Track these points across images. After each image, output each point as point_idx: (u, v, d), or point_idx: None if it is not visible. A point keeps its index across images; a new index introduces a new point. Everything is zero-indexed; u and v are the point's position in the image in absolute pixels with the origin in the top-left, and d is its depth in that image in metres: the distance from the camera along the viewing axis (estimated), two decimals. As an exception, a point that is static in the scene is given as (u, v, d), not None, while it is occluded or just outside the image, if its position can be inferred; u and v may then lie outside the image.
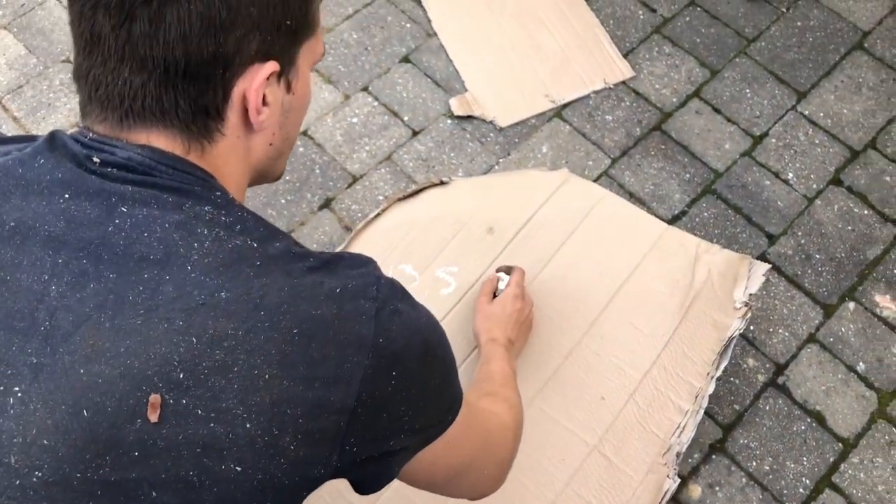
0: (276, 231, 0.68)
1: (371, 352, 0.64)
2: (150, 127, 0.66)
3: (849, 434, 1.41)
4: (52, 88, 1.73)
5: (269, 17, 0.66)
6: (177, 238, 0.62)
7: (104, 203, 0.63)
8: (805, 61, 1.82)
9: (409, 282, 1.45)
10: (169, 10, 0.62)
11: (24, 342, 0.60)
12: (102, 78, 0.64)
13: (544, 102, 1.73)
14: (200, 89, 0.65)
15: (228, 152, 0.70)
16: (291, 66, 0.71)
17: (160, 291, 0.61)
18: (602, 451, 1.30)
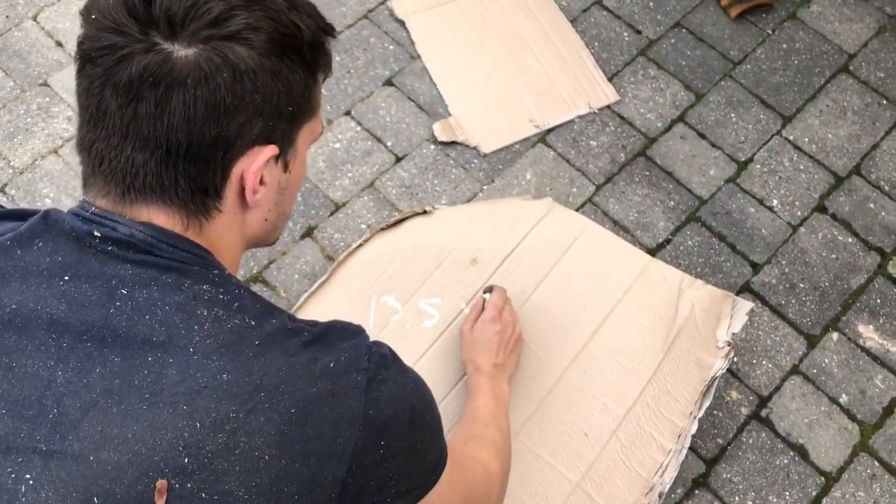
0: (271, 307, 0.70)
1: (362, 424, 0.67)
2: (150, 203, 0.67)
3: (831, 468, 1.41)
4: (30, 113, 1.70)
5: (272, 104, 0.68)
6: (177, 320, 0.64)
7: (104, 286, 0.64)
8: (790, 84, 1.81)
9: (392, 314, 1.44)
10: (175, 95, 0.64)
11: (34, 429, 0.61)
12: (106, 153, 0.66)
13: (528, 128, 1.72)
14: (200, 169, 0.67)
15: (225, 228, 0.72)
16: (290, 147, 0.73)
17: (164, 375, 0.62)
18: (584, 489, 1.29)
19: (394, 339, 1.41)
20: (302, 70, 0.70)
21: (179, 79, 0.64)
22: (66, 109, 1.71)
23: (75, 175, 1.64)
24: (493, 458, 1.02)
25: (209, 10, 0.65)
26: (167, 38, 0.64)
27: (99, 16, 0.66)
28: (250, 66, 0.65)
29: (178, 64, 0.64)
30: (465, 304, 1.44)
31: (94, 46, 0.65)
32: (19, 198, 1.61)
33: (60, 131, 1.69)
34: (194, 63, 0.64)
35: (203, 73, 0.64)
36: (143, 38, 0.64)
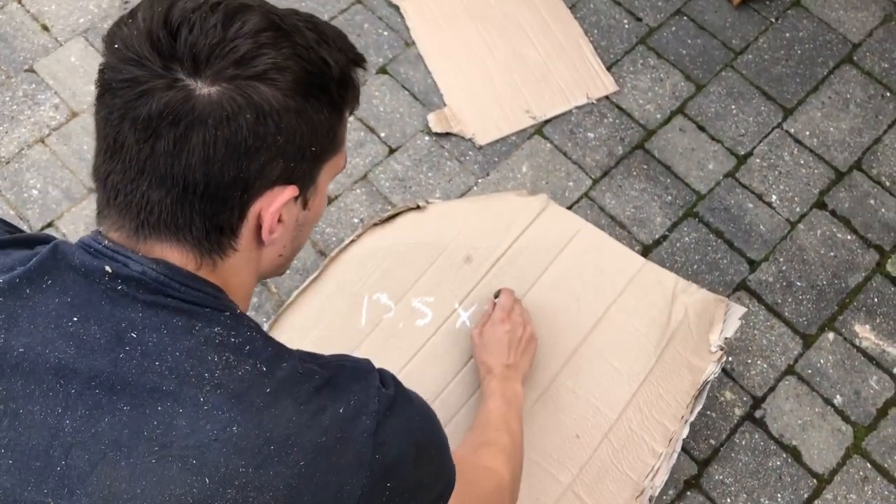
0: (282, 350, 0.68)
1: (368, 470, 0.66)
2: (163, 240, 0.66)
3: (823, 470, 1.41)
4: (16, 100, 1.67)
5: (295, 145, 0.66)
6: (188, 367, 0.62)
7: (114, 328, 0.63)
8: (793, 75, 1.78)
9: (385, 312, 1.42)
10: (195, 134, 0.62)
11: (41, 482, 0.60)
12: (121, 186, 0.64)
13: (525, 119, 1.69)
14: (217, 209, 0.65)
15: (239, 265, 0.70)
16: (311, 185, 0.71)
17: (173, 426, 0.61)
18: (575, 492, 1.29)
19: (386, 337, 1.40)
20: (328, 109, 0.68)
21: (200, 118, 0.62)
22: (52, 97, 1.68)
23: (62, 165, 1.61)
24: (504, 466, 1.02)
25: (235, 48, 0.63)
26: (190, 74, 0.62)
27: (122, 46, 0.63)
28: (274, 107, 0.63)
29: (199, 102, 0.62)
30: (458, 304, 1.42)
31: (115, 77, 0.63)
32: (6, 188, 1.58)
33: (47, 120, 1.65)
34: (217, 102, 0.62)
35: (225, 114, 0.62)
36: (165, 74, 0.62)
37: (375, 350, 1.39)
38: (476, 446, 1.08)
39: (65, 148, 1.63)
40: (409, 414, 0.72)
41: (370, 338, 1.40)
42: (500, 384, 1.22)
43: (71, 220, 1.56)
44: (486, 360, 1.27)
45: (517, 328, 1.29)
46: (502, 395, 1.20)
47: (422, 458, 0.72)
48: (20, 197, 1.58)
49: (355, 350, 1.38)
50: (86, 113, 1.67)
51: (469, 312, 1.42)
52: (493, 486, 0.96)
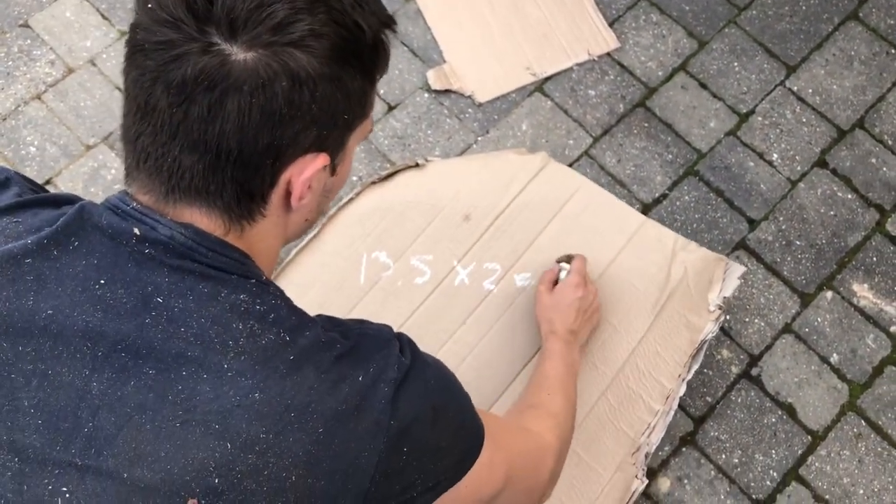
0: (305, 318, 0.69)
1: (385, 435, 0.66)
2: (193, 205, 0.65)
3: (818, 427, 1.42)
4: (11, 56, 1.65)
5: (329, 113, 0.65)
6: (213, 334, 0.63)
7: (140, 292, 0.63)
8: (797, 32, 1.75)
9: (384, 270, 1.43)
10: (230, 100, 0.61)
11: (69, 442, 0.61)
12: (152, 149, 0.64)
13: (525, 76, 1.67)
14: (249, 176, 0.65)
15: (267, 231, 0.70)
16: (340, 151, 0.70)
17: (197, 391, 0.61)
18: (572, 448, 1.30)
19: (385, 295, 1.40)
20: (361, 76, 0.67)
21: (236, 84, 0.61)
22: (48, 52, 1.66)
23: (59, 122, 1.60)
24: (550, 430, 1.00)
25: (273, 13, 0.61)
26: (226, 39, 0.61)
27: (156, 6, 0.62)
28: (310, 74, 0.62)
29: (235, 68, 0.61)
30: (456, 262, 1.42)
31: (148, 38, 0.62)
32: (3, 146, 1.58)
33: (43, 76, 1.64)
34: (252, 69, 0.61)
35: (261, 81, 0.61)
36: (200, 37, 0.61)
37: (374, 307, 1.39)
38: (523, 408, 1.08)
39: (61, 104, 1.62)
40: (425, 378, 0.72)
41: (369, 296, 1.41)
42: (563, 347, 1.21)
43: (69, 177, 1.55)
44: (553, 319, 1.26)
45: (588, 296, 1.29)
46: (563, 359, 1.19)
47: (439, 421, 0.72)
48: (18, 154, 1.57)
49: (354, 308, 1.39)
50: (82, 69, 1.65)
51: (468, 270, 1.42)
52: (534, 447, 0.94)
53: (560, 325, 1.25)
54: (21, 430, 0.61)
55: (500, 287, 1.40)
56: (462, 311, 1.39)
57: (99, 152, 1.58)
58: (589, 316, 1.30)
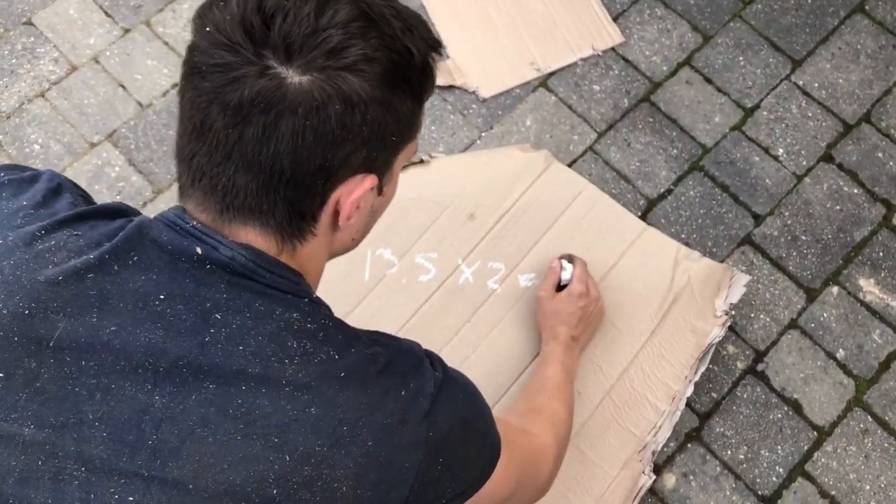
0: (350, 335, 0.72)
1: (424, 447, 0.70)
2: (247, 224, 0.68)
3: (824, 422, 1.42)
4: (14, 54, 1.65)
5: (379, 134, 0.67)
6: (269, 353, 0.65)
7: (198, 308, 0.65)
8: (802, 26, 1.74)
9: (388, 267, 1.43)
10: (285, 122, 0.63)
11: (134, 454, 0.63)
12: (207, 169, 0.66)
13: (529, 71, 1.67)
14: (300, 195, 0.67)
15: (316, 249, 0.73)
16: (388, 172, 0.73)
17: (256, 405, 0.64)
18: (577, 446, 1.30)
19: (389, 292, 1.40)
20: (410, 99, 0.69)
21: (291, 107, 0.63)
22: (51, 50, 1.66)
23: (63, 120, 1.60)
24: (548, 431, 1.05)
25: (328, 38, 0.64)
26: (282, 62, 0.63)
27: (214, 29, 0.64)
28: (362, 97, 0.64)
29: (290, 91, 0.63)
30: (461, 260, 1.42)
31: (205, 61, 0.64)
32: (7, 143, 1.58)
33: (47, 73, 1.64)
34: (307, 92, 0.63)
35: (315, 103, 0.63)
36: (257, 61, 0.63)
37: (379, 304, 1.39)
38: (523, 412, 1.12)
39: (65, 102, 1.62)
40: (455, 393, 0.76)
41: (374, 293, 1.41)
42: (563, 352, 1.25)
43: (73, 175, 1.55)
44: (555, 326, 1.28)
45: (591, 304, 1.31)
46: (563, 364, 1.23)
47: (469, 433, 0.77)
48: (22, 152, 1.57)
49: (358, 304, 1.39)
50: (85, 67, 1.65)
51: (472, 269, 1.42)
52: (535, 448, 0.99)
53: (562, 332, 1.27)
54: (87, 442, 0.62)
55: (504, 287, 1.40)
56: (466, 310, 1.39)
57: (103, 150, 1.58)
58: (592, 323, 1.32)
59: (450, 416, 0.74)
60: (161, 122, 1.61)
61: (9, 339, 0.63)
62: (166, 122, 1.61)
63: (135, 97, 1.63)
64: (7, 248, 0.67)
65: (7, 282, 0.65)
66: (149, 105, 1.63)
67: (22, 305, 0.64)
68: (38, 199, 0.72)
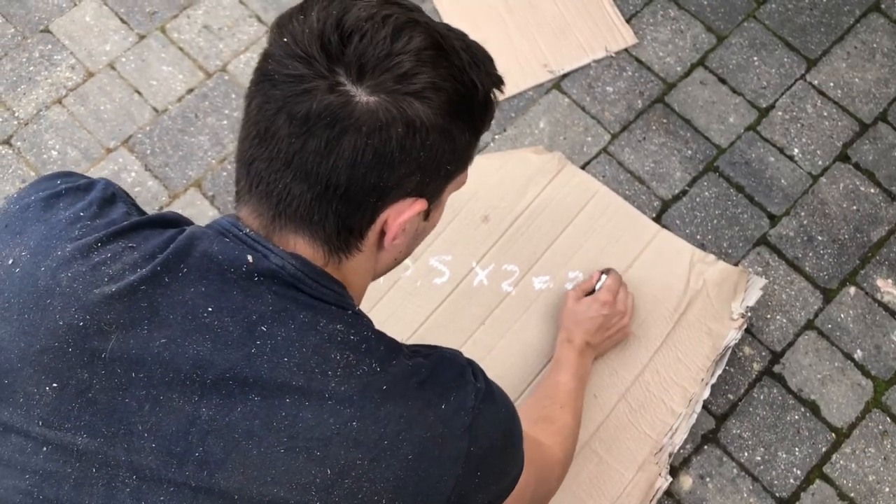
0: (391, 347, 0.72)
1: (464, 461, 0.71)
2: (297, 232, 0.69)
3: (842, 424, 1.41)
4: (32, 61, 1.67)
5: (435, 162, 0.69)
6: (313, 364, 0.66)
7: (245, 320, 0.66)
8: (817, 25, 1.73)
9: (403, 270, 1.43)
10: (347, 139, 0.65)
11: (182, 465, 0.64)
12: (265, 174, 0.68)
13: (542, 73, 1.67)
14: (351, 211, 0.68)
15: (360, 265, 0.74)
16: (437, 198, 0.74)
17: (300, 418, 0.65)
18: (594, 448, 1.30)
19: (404, 295, 1.41)
20: (469, 132, 0.71)
21: (356, 125, 0.64)
22: (68, 57, 1.68)
23: (80, 126, 1.62)
24: (559, 444, 1.06)
25: (399, 63, 0.65)
26: (353, 81, 0.65)
27: (291, 41, 0.66)
28: (425, 124, 0.66)
29: (357, 110, 0.64)
30: (475, 263, 1.42)
31: (279, 70, 0.66)
32: (25, 150, 1.59)
33: (64, 80, 1.65)
34: (373, 112, 0.64)
35: (379, 124, 0.65)
36: (329, 76, 0.65)
37: (393, 307, 1.40)
38: (535, 419, 1.12)
39: (82, 108, 1.63)
40: (497, 407, 0.77)
41: (388, 296, 1.41)
42: (577, 358, 1.24)
43: (90, 182, 1.56)
44: (571, 328, 1.28)
45: (614, 316, 1.31)
46: (575, 371, 1.23)
47: (507, 448, 0.78)
48: (40, 158, 1.59)
49: (373, 308, 1.39)
50: (101, 73, 1.66)
51: (487, 271, 1.42)
52: (547, 460, 1.00)
53: (578, 336, 1.27)
54: (137, 452, 0.64)
55: (518, 289, 1.40)
56: (481, 312, 1.39)
57: (119, 155, 1.60)
58: (612, 334, 1.31)
59: (491, 431, 0.74)
60: (176, 128, 1.62)
61: (63, 351, 0.65)
62: (181, 128, 1.62)
63: (150, 103, 1.64)
64: (65, 259, 0.68)
65: (65, 294, 0.66)
66: (164, 110, 1.64)
67: (77, 318, 0.65)
68: (94, 209, 0.73)
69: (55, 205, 0.73)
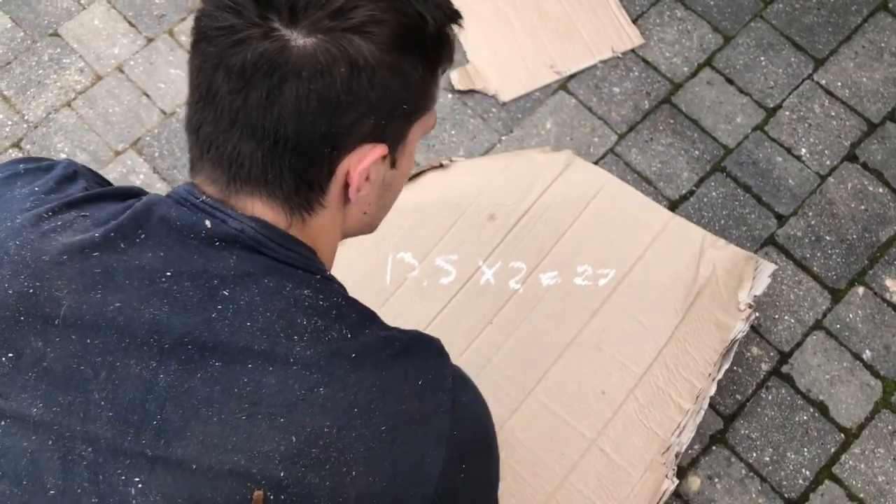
0: (364, 314, 0.69)
1: (447, 444, 0.66)
2: (254, 194, 0.66)
3: (851, 424, 1.40)
4: (42, 65, 1.68)
5: (388, 101, 0.64)
6: (278, 329, 0.63)
7: (206, 285, 0.63)
8: (825, 25, 1.73)
9: (409, 270, 1.43)
10: (288, 86, 0.61)
11: (139, 434, 0.61)
12: (213, 137, 0.64)
13: (549, 74, 1.67)
14: (307, 164, 0.65)
15: (326, 223, 0.70)
16: (400, 143, 0.69)
17: (263, 384, 0.61)
18: (601, 447, 1.30)
19: (411, 295, 1.41)
20: (422, 66, 0.66)
21: (294, 70, 0.61)
22: (77, 60, 1.69)
23: (89, 129, 1.63)
24: None
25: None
26: (286, 24, 0.61)
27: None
28: (370, 61, 0.62)
29: (294, 54, 0.61)
30: (482, 261, 1.42)
31: (210, 25, 0.63)
32: (35, 153, 1.60)
33: (73, 83, 1.67)
34: (311, 54, 0.61)
35: (319, 67, 0.61)
36: (261, 23, 0.61)
37: (400, 308, 1.40)
38: None
39: (91, 111, 1.64)
40: (478, 402, 0.73)
41: (395, 296, 1.41)
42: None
43: (99, 183, 1.58)
44: None
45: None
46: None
47: (489, 450, 0.73)
48: (49, 161, 1.60)
49: (380, 308, 1.39)
50: (110, 76, 1.67)
51: (493, 270, 1.42)
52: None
53: None
54: (93, 421, 0.61)
55: (525, 286, 1.40)
56: (488, 311, 1.39)
57: (127, 158, 1.61)
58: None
59: (476, 422, 0.70)
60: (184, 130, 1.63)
61: (16, 319, 0.63)
62: (189, 130, 1.63)
63: (158, 105, 1.65)
64: (14, 229, 0.66)
65: (13, 262, 0.64)
66: (172, 113, 1.65)
67: (27, 285, 0.63)
68: (51, 184, 0.71)
69: (13, 184, 0.71)
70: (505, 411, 1.31)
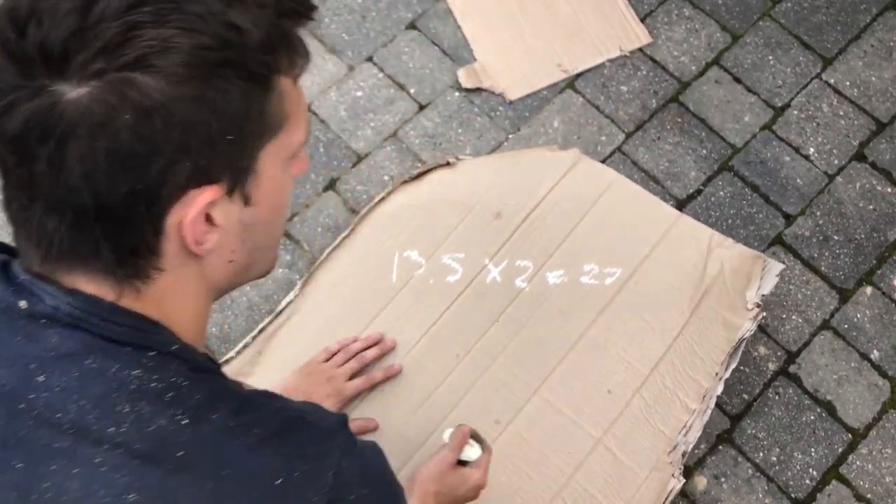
0: (219, 395, 0.59)
1: None
2: (72, 271, 0.57)
3: (859, 424, 1.40)
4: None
5: (200, 136, 0.54)
6: (91, 420, 0.54)
7: (22, 370, 0.56)
8: (833, 23, 1.72)
9: (415, 268, 1.43)
10: (70, 149, 0.51)
11: None
12: (19, 214, 0.56)
13: (556, 72, 1.67)
14: (121, 230, 0.55)
15: (172, 286, 0.60)
16: (247, 176, 0.58)
17: (65, 489, 0.53)
18: (607, 446, 1.29)
19: (417, 293, 1.41)
20: (242, 85, 0.55)
21: (70, 129, 0.51)
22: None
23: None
24: None
25: (97, 35, 0.51)
26: (55, 77, 0.51)
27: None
28: (158, 100, 0.51)
29: (67, 110, 0.51)
30: (488, 260, 1.42)
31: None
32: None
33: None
34: (86, 107, 0.50)
35: (97, 119, 0.51)
36: (27, 82, 0.51)
37: (406, 306, 1.40)
38: None
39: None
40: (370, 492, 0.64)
41: (401, 294, 1.41)
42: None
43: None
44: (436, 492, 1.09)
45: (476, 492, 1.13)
46: None
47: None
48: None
49: (386, 306, 1.39)
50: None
51: (500, 268, 1.42)
52: None
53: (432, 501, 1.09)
54: None
55: (532, 285, 1.40)
56: (494, 310, 1.38)
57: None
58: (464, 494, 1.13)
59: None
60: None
61: None
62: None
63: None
64: None
65: None
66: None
67: None
68: None
69: None
70: (511, 410, 1.31)
